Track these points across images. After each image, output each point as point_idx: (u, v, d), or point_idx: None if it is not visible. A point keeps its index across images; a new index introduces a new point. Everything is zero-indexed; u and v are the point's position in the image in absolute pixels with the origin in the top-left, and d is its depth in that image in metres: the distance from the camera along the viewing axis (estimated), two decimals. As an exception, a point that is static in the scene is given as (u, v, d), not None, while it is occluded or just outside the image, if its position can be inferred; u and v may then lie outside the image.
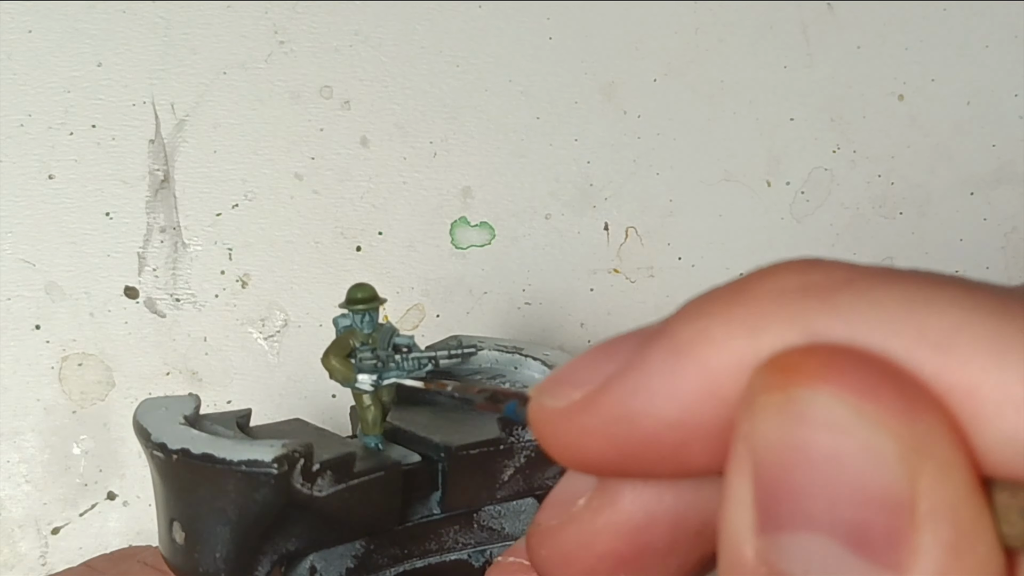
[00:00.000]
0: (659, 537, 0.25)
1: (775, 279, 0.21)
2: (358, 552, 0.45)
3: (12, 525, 0.68)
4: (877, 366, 0.19)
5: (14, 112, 0.69)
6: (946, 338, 0.19)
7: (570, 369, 0.24)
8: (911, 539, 0.19)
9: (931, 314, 0.20)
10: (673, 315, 0.22)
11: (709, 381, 0.21)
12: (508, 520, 0.49)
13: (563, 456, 0.24)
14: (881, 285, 0.20)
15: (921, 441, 0.19)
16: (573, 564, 0.26)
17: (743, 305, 0.21)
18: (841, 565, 0.19)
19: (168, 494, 0.43)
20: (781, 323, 0.21)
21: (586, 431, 0.23)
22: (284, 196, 0.72)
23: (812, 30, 0.78)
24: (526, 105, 0.75)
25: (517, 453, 0.47)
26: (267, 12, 0.72)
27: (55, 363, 0.69)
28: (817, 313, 0.20)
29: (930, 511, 0.19)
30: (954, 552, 0.19)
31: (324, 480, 0.42)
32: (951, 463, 0.19)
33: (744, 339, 0.21)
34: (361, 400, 0.47)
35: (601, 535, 0.25)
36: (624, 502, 0.25)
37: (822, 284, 0.21)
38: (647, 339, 0.22)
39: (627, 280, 0.76)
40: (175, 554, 0.43)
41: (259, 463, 0.40)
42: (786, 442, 0.20)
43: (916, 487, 0.19)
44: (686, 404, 0.21)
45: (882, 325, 0.20)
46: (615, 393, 0.22)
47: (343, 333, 0.47)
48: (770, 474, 0.20)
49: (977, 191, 0.81)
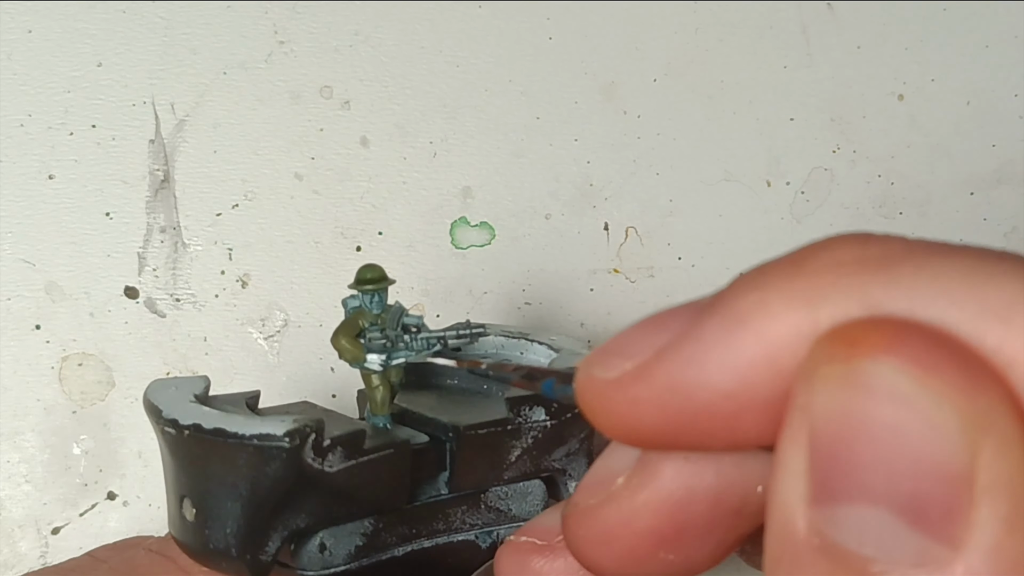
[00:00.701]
0: (699, 515, 0.25)
1: (833, 251, 0.21)
2: (367, 530, 0.45)
3: (12, 525, 0.68)
4: (939, 339, 0.19)
5: (14, 112, 0.69)
6: (1007, 310, 0.19)
7: (621, 340, 0.24)
8: (968, 513, 0.19)
9: (992, 286, 0.19)
10: (728, 287, 0.22)
11: (766, 352, 0.21)
12: (515, 501, 0.49)
13: (612, 428, 0.24)
14: (940, 257, 0.20)
15: (982, 415, 0.19)
16: (612, 543, 0.26)
17: (801, 277, 0.21)
18: (896, 538, 0.19)
19: (179, 471, 0.43)
20: (840, 295, 0.21)
21: (638, 402, 0.23)
22: (284, 196, 0.72)
23: (812, 30, 0.78)
24: (526, 105, 0.75)
25: (525, 434, 0.47)
26: (267, 12, 0.72)
27: (55, 363, 0.69)
28: (877, 285, 0.20)
29: (989, 486, 0.19)
30: (1010, 527, 0.19)
31: (335, 456, 0.42)
32: (1012, 438, 0.19)
33: (803, 311, 0.21)
34: (370, 380, 0.47)
35: (641, 513, 0.25)
36: (664, 479, 0.25)
37: (880, 256, 0.21)
38: (701, 311, 0.22)
39: (627, 280, 0.76)
40: (185, 532, 0.43)
41: (271, 437, 0.40)
42: (846, 412, 0.20)
43: (976, 461, 0.19)
44: (742, 375, 0.21)
45: (942, 297, 0.20)
46: (670, 363, 0.22)
47: (352, 314, 0.46)
48: (827, 444, 0.20)
49: (977, 191, 0.81)
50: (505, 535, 0.48)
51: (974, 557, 0.19)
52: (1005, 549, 0.19)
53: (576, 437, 0.49)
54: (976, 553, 0.19)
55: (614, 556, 0.26)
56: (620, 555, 0.26)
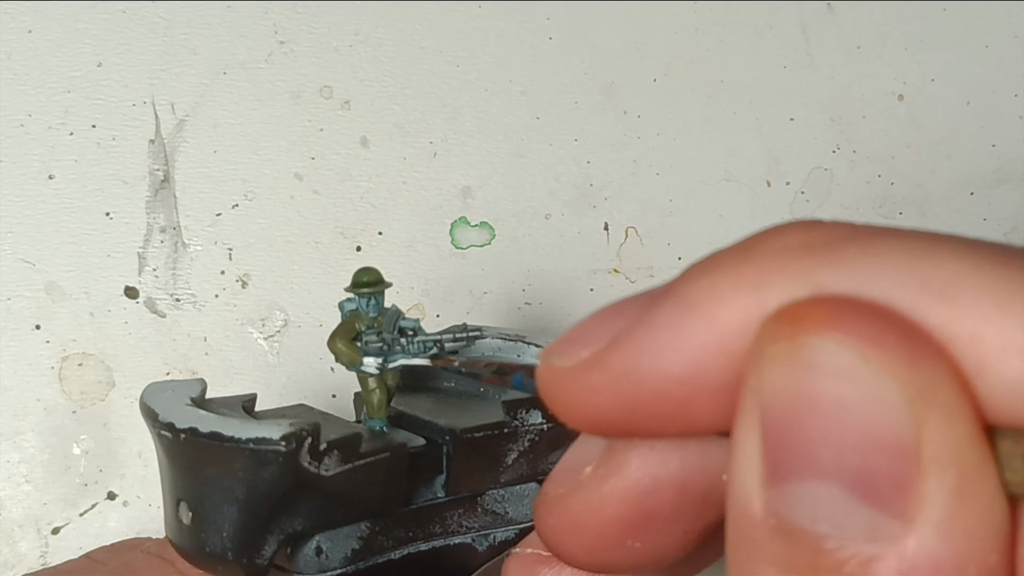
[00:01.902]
0: (665, 502, 0.25)
1: (779, 237, 0.22)
2: (363, 533, 0.45)
3: (12, 525, 0.68)
4: (883, 315, 0.20)
5: (14, 112, 0.69)
6: (949, 287, 0.19)
7: (578, 330, 0.24)
8: (917, 486, 0.19)
9: (934, 265, 0.20)
10: (679, 276, 0.23)
11: (717, 336, 0.21)
12: (512, 504, 0.49)
13: (571, 416, 0.25)
14: (883, 239, 0.21)
15: (926, 387, 0.19)
16: (581, 531, 0.26)
17: (749, 263, 0.21)
18: (848, 513, 0.19)
19: (175, 474, 0.43)
20: (787, 278, 0.21)
21: (594, 389, 0.23)
22: (284, 196, 0.72)
23: (812, 30, 0.78)
24: (526, 105, 0.75)
25: (521, 437, 0.47)
26: (267, 12, 0.72)
27: (55, 363, 0.69)
28: (822, 267, 0.21)
29: (935, 457, 0.19)
30: (959, 498, 0.19)
31: (331, 459, 0.42)
32: (956, 409, 0.19)
33: (751, 295, 0.21)
34: (366, 384, 0.47)
35: (608, 501, 0.25)
36: (631, 468, 0.25)
37: (826, 240, 0.21)
38: (654, 299, 0.23)
39: (627, 280, 0.76)
40: (181, 535, 0.43)
41: (267, 441, 0.40)
42: (793, 390, 0.20)
43: (921, 433, 0.19)
44: (694, 360, 0.22)
45: (886, 277, 0.20)
46: (623, 350, 0.23)
47: (348, 317, 0.47)
48: (777, 423, 0.20)
49: (977, 191, 0.81)
50: (502, 538, 0.49)
51: (925, 529, 0.19)
52: (955, 520, 0.19)
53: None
54: (927, 526, 0.19)
55: (583, 544, 0.26)
56: (589, 543, 0.26)
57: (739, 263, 0.21)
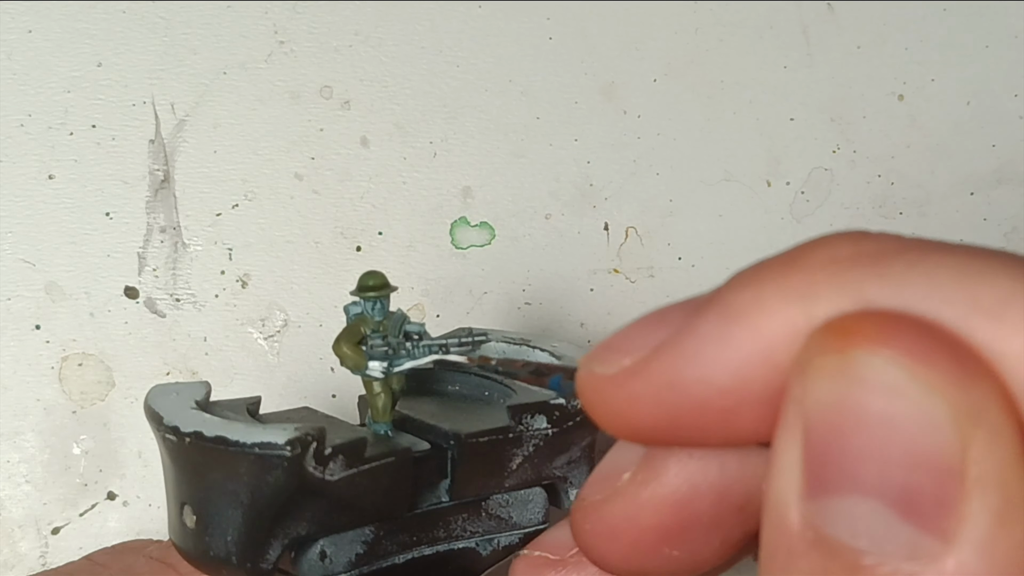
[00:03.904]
0: (703, 511, 0.25)
1: (827, 248, 0.21)
2: (367, 538, 0.45)
3: (12, 525, 0.68)
4: (932, 332, 0.19)
5: (14, 112, 0.69)
6: (999, 306, 0.19)
7: (620, 337, 0.24)
8: (959, 506, 0.19)
9: (984, 283, 0.20)
10: (724, 284, 0.23)
11: (762, 347, 0.21)
12: (516, 509, 0.49)
13: (612, 424, 0.24)
14: (933, 255, 0.20)
15: (974, 407, 0.19)
16: (618, 538, 0.26)
17: (796, 273, 0.21)
18: (888, 530, 0.19)
19: (179, 478, 0.43)
20: (834, 291, 0.21)
21: (636, 397, 0.23)
22: (284, 196, 0.72)
23: (812, 30, 0.78)
24: (526, 105, 0.75)
25: (526, 442, 0.47)
26: (267, 12, 0.72)
27: (55, 363, 0.69)
28: (871, 281, 0.20)
29: (979, 478, 0.19)
30: (1001, 520, 0.19)
31: (336, 464, 0.42)
32: (1002, 430, 0.19)
33: (798, 306, 0.21)
34: (371, 387, 0.47)
35: (646, 508, 0.25)
36: (669, 475, 0.25)
37: (874, 253, 0.21)
38: (698, 307, 0.23)
39: (627, 280, 0.76)
40: (185, 539, 0.43)
41: (272, 445, 0.40)
42: (839, 404, 0.20)
43: (967, 453, 0.19)
44: (738, 370, 0.22)
45: (935, 293, 0.20)
46: (667, 359, 0.23)
47: (354, 320, 0.46)
48: (821, 437, 0.20)
49: (977, 191, 0.81)
50: (506, 543, 0.48)
51: (965, 551, 0.19)
52: (996, 542, 0.19)
53: (578, 445, 0.49)
54: (967, 547, 0.19)
55: (620, 551, 0.26)
56: (626, 550, 0.26)
57: (785, 273, 0.21)
